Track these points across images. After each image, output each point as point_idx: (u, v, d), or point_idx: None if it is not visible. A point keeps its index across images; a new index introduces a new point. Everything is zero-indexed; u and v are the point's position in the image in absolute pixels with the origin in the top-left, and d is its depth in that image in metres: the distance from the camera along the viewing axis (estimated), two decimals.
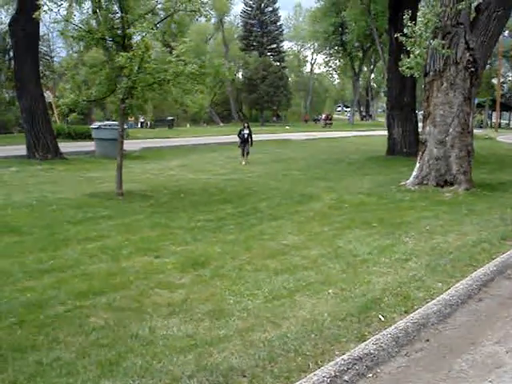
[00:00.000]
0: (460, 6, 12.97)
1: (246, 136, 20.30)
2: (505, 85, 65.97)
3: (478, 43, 13.79)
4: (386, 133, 24.69)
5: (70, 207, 10.88)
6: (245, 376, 3.85)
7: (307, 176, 16.30)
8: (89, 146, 24.00)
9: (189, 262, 7.03)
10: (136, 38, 11.66)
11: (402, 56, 16.06)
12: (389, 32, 23.75)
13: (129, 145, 20.73)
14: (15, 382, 3.91)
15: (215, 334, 4.67)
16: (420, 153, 13.97)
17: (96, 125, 22.62)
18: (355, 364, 3.86)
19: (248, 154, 20.35)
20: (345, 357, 3.92)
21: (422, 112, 15.77)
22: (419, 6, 22.10)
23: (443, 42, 13.22)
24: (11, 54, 44.96)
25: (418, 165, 13.91)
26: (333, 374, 3.68)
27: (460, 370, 4.13)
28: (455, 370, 4.14)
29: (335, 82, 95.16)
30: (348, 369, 3.80)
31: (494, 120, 57.81)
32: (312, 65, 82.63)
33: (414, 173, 13.89)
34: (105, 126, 22.43)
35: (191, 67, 10.67)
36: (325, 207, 11.23)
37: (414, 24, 13.79)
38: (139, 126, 48.87)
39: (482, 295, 5.73)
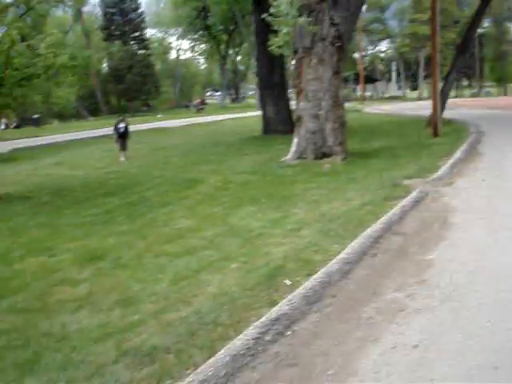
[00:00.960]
0: None
1: (122, 130, 18.82)
2: (366, 58, 69.04)
3: (342, 19, 14.38)
4: (259, 113, 25.15)
5: None
6: (169, 353, 3.92)
7: (189, 161, 16.34)
8: None
9: (86, 257, 6.91)
10: None
11: (270, 36, 16.45)
12: (253, 13, 24.13)
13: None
14: None
15: (129, 321, 4.69)
16: (296, 128, 14.43)
17: None
18: (274, 325, 4.06)
19: (126, 149, 18.81)
20: (263, 319, 4.10)
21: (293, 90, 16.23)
22: None
23: (309, 19, 13.68)
24: None
25: (295, 140, 14.36)
26: (255, 336, 3.85)
27: (368, 317, 4.46)
28: (364, 317, 4.46)
29: (202, 67, 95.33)
30: (268, 330, 3.98)
31: (359, 93, 60.34)
32: (178, 51, 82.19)
33: (293, 148, 14.33)
34: None
35: (62, 58, 10.37)
36: (211, 189, 11.36)
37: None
38: (3, 127, 46.46)
39: (375, 251, 6.13)
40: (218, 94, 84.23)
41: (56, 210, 10.28)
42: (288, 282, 5.06)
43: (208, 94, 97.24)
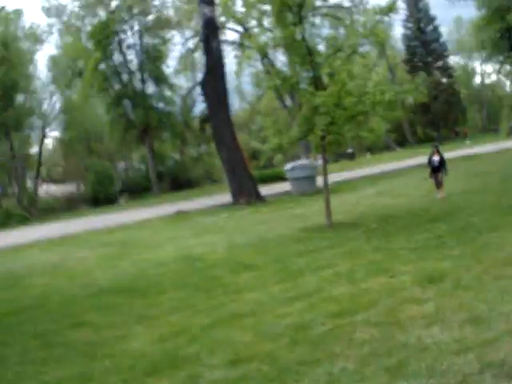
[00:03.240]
0: None
1: (436, 164, 16.66)
2: None
3: None
4: None
5: (288, 242, 11.67)
6: None
7: (509, 187, 15.78)
8: (281, 186, 25.38)
9: (423, 278, 7.29)
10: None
11: None
12: None
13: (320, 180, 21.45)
14: None
15: (485, 337, 4.90)
16: None
17: (290, 165, 23.89)
18: None
19: (441, 184, 16.47)
20: None
21: None
22: None
23: None
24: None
25: None
26: None
27: None
28: None
29: (508, 90, 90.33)
30: None
31: None
32: (482, 75, 79.46)
33: None
34: (298, 166, 23.63)
35: (389, 95, 11.09)
36: None
37: None
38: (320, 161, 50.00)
39: None
40: None
41: (386, 236, 10.89)
42: None
43: None
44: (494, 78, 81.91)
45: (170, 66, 50.07)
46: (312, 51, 12.43)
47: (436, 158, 16.64)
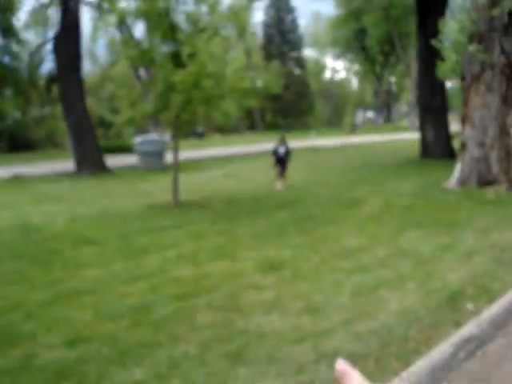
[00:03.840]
0: (494, 12, 13.45)
1: (282, 155, 15.63)
2: None
3: None
4: (412, 135, 24.98)
5: (133, 218, 11.50)
6: (367, 359, 4.37)
7: (348, 181, 16.75)
8: (129, 159, 24.86)
9: (265, 265, 7.55)
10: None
11: (433, 60, 16.57)
12: (418, 37, 24.15)
13: (169, 157, 21.31)
14: (159, 373, 4.45)
15: (319, 327, 5.19)
16: (460, 155, 14.40)
17: (139, 139, 23.36)
18: (465, 344, 4.39)
19: (284, 177, 15.68)
20: (456, 339, 4.46)
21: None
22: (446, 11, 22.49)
23: (479, 47, 13.67)
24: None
25: (458, 166, 14.32)
26: (451, 352, 4.20)
27: None
28: None
29: (354, 87, 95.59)
30: (462, 348, 4.32)
31: None
32: (332, 71, 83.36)
33: (455, 174, 14.30)
34: (147, 140, 23.18)
35: (247, 82, 11.24)
36: (375, 210, 11.69)
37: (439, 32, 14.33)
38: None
39: None
40: (369, 114, 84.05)
41: (231, 219, 11.09)
42: (470, 306, 5.32)
43: (359, 114, 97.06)
44: (343, 74, 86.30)
45: (21, 19, 46.90)
46: (175, 27, 12.26)
47: (282, 149, 15.65)
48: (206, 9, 12.74)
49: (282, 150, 15.63)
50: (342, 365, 0.93)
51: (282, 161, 15.61)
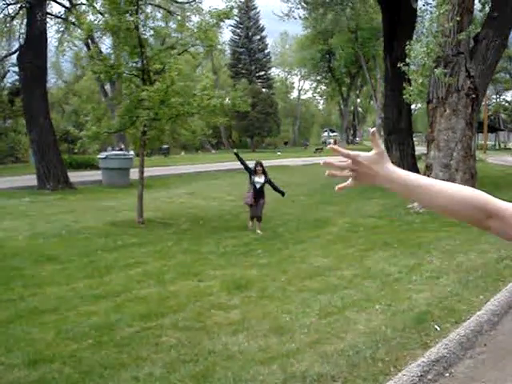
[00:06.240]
0: (460, 37, 13.72)
1: (259, 187, 11.80)
2: (490, 107, 67.25)
3: (478, 71, 14.51)
4: None
5: (97, 236, 11.28)
6: (336, 381, 4.30)
7: (314, 201, 16.80)
8: (93, 175, 24.50)
9: (231, 285, 7.45)
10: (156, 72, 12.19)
11: (399, 82, 16.81)
12: (384, 60, 24.51)
13: (134, 174, 21.10)
14: None
15: (287, 348, 5.10)
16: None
17: (103, 155, 23.03)
18: (434, 365, 4.36)
19: (260, 219, 11.87)
20: (424, 359, 4.41)
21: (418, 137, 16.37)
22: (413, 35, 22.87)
23: (445, 70, 13.91)
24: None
25: None
26: (419, 374, 4.16)
27: None
28: None
29: (321, 107, 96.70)
30: (429, 369, 4.29)
31: (481, 142, 58.64)
32: (299, 91, 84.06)
33: None
34: (112, 156, 22.90)
35: (215, 101, 11.19)
36: (342, 230, 11.71)
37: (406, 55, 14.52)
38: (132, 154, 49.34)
39: None
40: (334, 134, 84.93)
41: (196, 238, 10.98)
42: (437, 327, 5.31)
43: (324, 134, 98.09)
44: (309, 94, 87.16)
45: None
46: (143, 43, 12.17)
47: (260, 180, 11.77)
48: (174, 26, 12.72)
49: (260, 180, 11.79)
50: None
51: (259, 194, 11.81)
